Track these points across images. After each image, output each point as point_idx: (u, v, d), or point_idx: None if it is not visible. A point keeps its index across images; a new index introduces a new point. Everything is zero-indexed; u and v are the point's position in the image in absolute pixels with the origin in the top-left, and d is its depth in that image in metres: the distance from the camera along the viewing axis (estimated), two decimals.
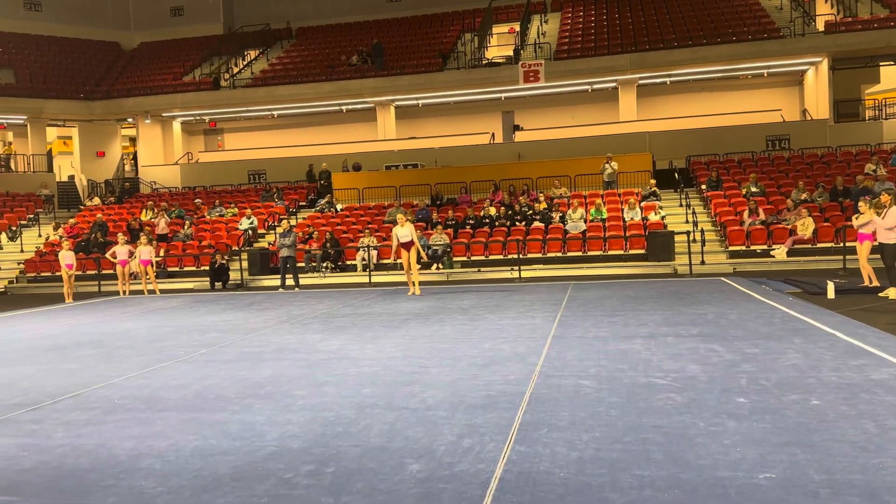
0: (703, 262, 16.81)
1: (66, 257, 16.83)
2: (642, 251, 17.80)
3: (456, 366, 6.65)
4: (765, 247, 17.20)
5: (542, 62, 24.99)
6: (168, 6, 33.22)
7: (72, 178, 28.82)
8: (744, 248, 17.38)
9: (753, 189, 19.49)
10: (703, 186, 20.88)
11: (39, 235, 23.40)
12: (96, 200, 26.41)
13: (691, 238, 17.14)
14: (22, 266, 21.28)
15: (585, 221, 19.12)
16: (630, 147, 23.03)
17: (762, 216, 17.79)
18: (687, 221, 18.96)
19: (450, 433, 4.53)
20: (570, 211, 19.51)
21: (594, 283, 14.44)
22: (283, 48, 31.34)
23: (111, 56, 32.29)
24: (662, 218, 18.97)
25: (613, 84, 25.80)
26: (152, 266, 17.81)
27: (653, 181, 21.01)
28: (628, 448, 4.09)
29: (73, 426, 5.11)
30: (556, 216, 19.58)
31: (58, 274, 18.07)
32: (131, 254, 17.61)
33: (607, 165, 21.47)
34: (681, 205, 20.38)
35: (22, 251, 22.37)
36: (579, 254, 18.12)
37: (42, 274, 20.60)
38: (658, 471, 3.71)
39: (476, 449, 4.19)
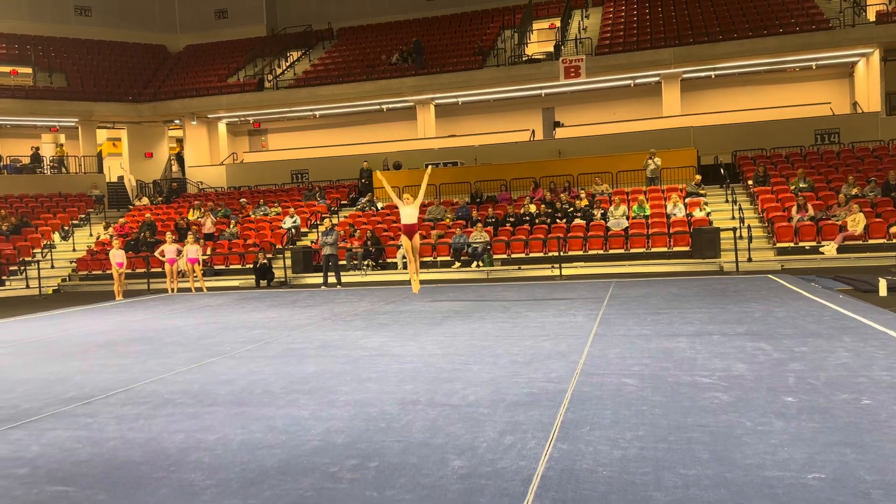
0: (749, 260, 16.47)
1: (117, 256, 17.32)
2: (687, 248, 17.53)
3: (497, 363, 6.65)
4: (814, 243, 16.77)
5: (584, 57, 24.76)
6: (212, 9, 33.86)
7: (121, 178, 29.60)
8: (792, 244, 16.98)
9: (802, 184, 19.02)
10: (750, 182, 20.45)
11: (91, 235, 24.09)
12: (145, 200, 27.09)
13: (738, 235, 16.81)
14: (74, 264, 21.96)
15: (628, 218, 18.90)
16: (674, 142, 22.67)
17: (811, 212, 17.35)
18: (733, 218, 18.60)
19: (491, 430, 4.54)
20: (611, 208, 19.30)
21: (637, 281, 14.27)
22: (325, 48, 31.67)
23: (158, 59, 33.06)
24: (708, 214, 18.64)
25: (656, 78, 25.42)
26: (199, 264, 18.20)
27: (698, 177, 20.66)
28: (673, 447, 4.05)
29: (124, 420, 5.27)
30: (597, 213, 19.40)
31: (108, 272, 18.60)
32: (179, 252, 18.02)
33: (650, 161, 21.18)
34: (727, 201, 20.00)
35: (74, 250, 23.07)
36: (621, 251, 17.92)
37: (93, 272, 21.22)
38: (703, 470, 3.66)
39: (518, 446, 4.20)
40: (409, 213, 11.51)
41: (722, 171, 21.40)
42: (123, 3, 32.97)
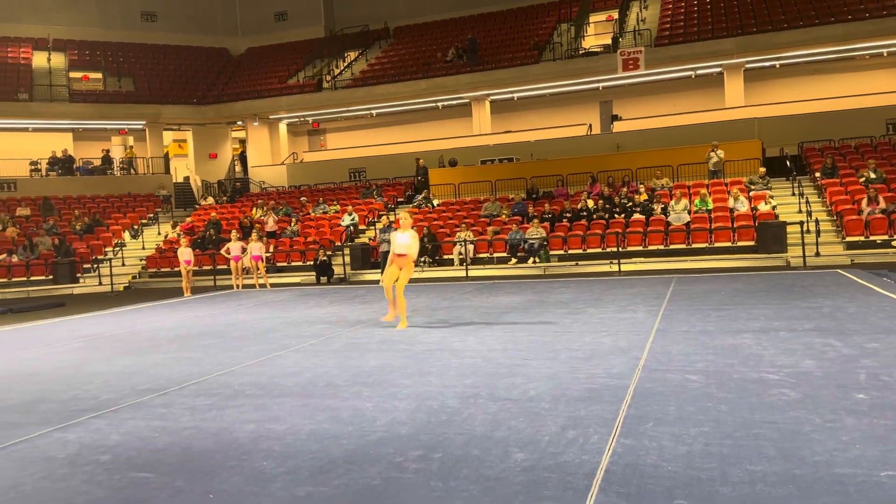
0: (817, 254, 15.97)
1: (184, 254, 17.93)
2: (752, 243, 17.10)
3: (556, 358, 6.65)
4: (885, 237, 16.14)
5: (642, 49, 24.37)
6: (272, 12, 34.62)
7: (187, 178, 30.59)
8: (862, 238, 16.38)
9: (872, 176, 18.30)
10: (818, 174, 19.79)
11: (159, 233, 24.99)
12: (210, 200, 27.93)
13: (805, 228, 16.30)
14: (144, 262, 22.82)
15: (689, 212, 18.54)
16: (737, 134, 22.10)
17: (882, 204, 16.68)
18: (800, 211, 18.05)
19: (553, 424, 4.56)
20: (672, 202, 18.97)
21: (699, 277, 13.99)
22: (382, 48, 32.01)
23: (221, 62, 34.00)
24: (773, 208, 18.14)
25: (718, 69, 24.84)
26: (263, 261, 18.68)
27: (762, 169, 20.09)
28: (739, 443, 4.00)
29: (197, 410, 5.49)
30: (657, 208, 19.09)
31: (177, 269, 19.26)
32: (243, 250, 18.53)
33: (713, 154, 20.71)
34: (793, 194, 19.41)
35: (143, 248, 23.98)
36: (683, 246, 17.61)
37: (162, 269, 22.02)
38: (771, 466, 3.61)
39: (580, 440, 4.21)
40: (402, 240, 9.27)
41: (788, 163, 20.77)
42: (187, 9, 34.03)
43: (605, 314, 9.40)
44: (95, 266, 22.27)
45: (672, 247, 17.72)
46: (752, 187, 19.48)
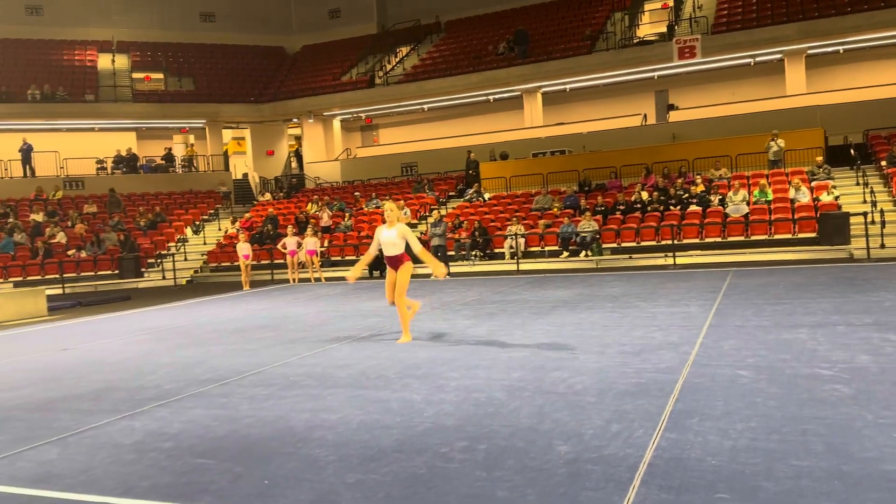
0: (882, 246, 15.41)
1: (243, 249, 18.46)
2: (813, 235, 16.61)
3: (605, 353, 6.67)
4: None
5: (699, 37, 23.85)
6: (326, 9, 35.14)
7: (245, 175, 31.38)
8: None
9: None
10: (884, 163, 19.05)
11: (219, 229, 25.74)
12: (267, 196, 28.62)
13: (869, 219, 15.73)
14: (205, 257, 23.56)
15: (748, 204, 18.11)
16: (798, 122, 21.44)
17: None
18: (864, 201, 17.43)
19: (598, 418, 4.61)
20: (730, 193, 18.55)
21: (757, 270, 13.70)
22: (433, 42, 32.13)
23: (277, 60, 34.70)
24: (836, 198, 17.57)
25: (779, 56, 24.12)
26: (318, 256, 19.08)
27: (819, 158, 19.45)
28: (786, 438, 3.97)
29: (256, 400, 5.72)
30: (714, 199, 18.71)
31: (236, 264, 19.84)
32: (299, 245, 18.96)
33: (773, 143, 20.15)
34: (857, 183, 18.76)
35: (205, 243, 24.74)
36: (741, 238, 17.23)
37: (222, 264, 22.69)
38: (817, 461, 3.59)
39: (624, 434, 4.24)
40: (389, 237, 7.89)
41: (852, 151, 20.05)
42: (244, 8, 34.82)
43: (657, 308, 9.32)
44: (159, 261, 23.10)
45: (730, 239, 17.35)
46: (814, 177, 18.90)
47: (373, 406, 5.28)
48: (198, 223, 26.00)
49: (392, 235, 7.84)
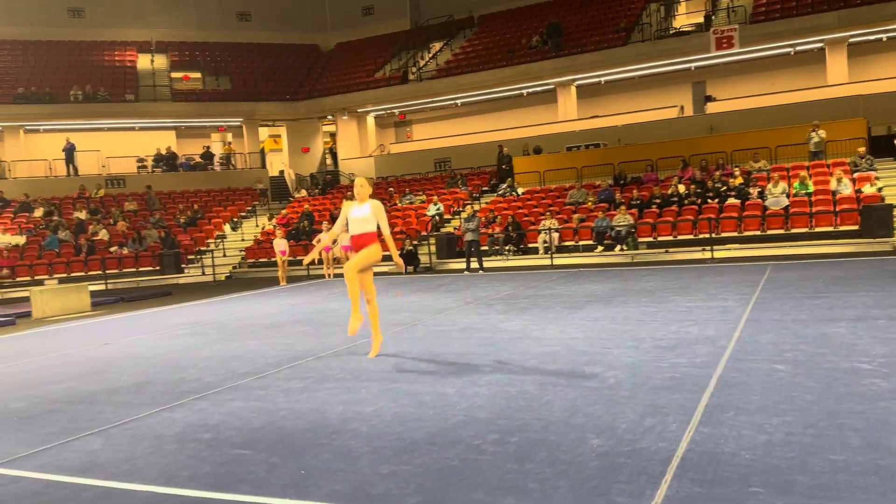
0: None
1: (280, 245, 18.72)
2: (855, 227, 16.22)
3: (639, 347, 6.62)
4: None
5: (737, 27, 23.41)
6: (360, 6, 35.34)
7: (282, 172, 31.76)
8: None
9: None
10: None
11: (256, 225, 26.12)
12: (303, 192, 28.93)
13: None
14: (243, 253, 23.94)
15: (788, 196, 17.75)
16: (840, 113, 20.91)
17: None
18: None
19: (631, 412, 4.59)
20: (770, 185, 18.20)
21: (797, 264, 13.44)
22: (466, 37, 32.10)
23: (311, 58, 35.03)
24: (879, 190, 17.13)
25: (820, 45, 23.55)
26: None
27: (861, 149, 18.95)
28: (823, 433, 3.92)
29: (291, 392, 5.82)
30: (753, 191, 18.37)
31: (273, 260, 20.14)
32: (334, 241, 19.13)
33: (813, 134, 19.71)
34: None
35: (242, 240, 25.13)
36: (781, 231, 16.90)
37: (260, 260, 23.03)
38: (854, 456, 3.54)
39: (658, 428, 4.23)
40: (361, 215, 6.94)
41: (895, 142, 19.52)
42: (279, 7, 35.20)
43: (693, 303, 9.22)
44: (198, 257, 23.53)
45: (769, 232, 17.04)
46: (857, 168, 18.44)
47: (406, 399, 5.34)
48: (235, 220, 26.41)
49: (364, 212, 6.91)
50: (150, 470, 4.16)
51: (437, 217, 22.41)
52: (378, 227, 6.98)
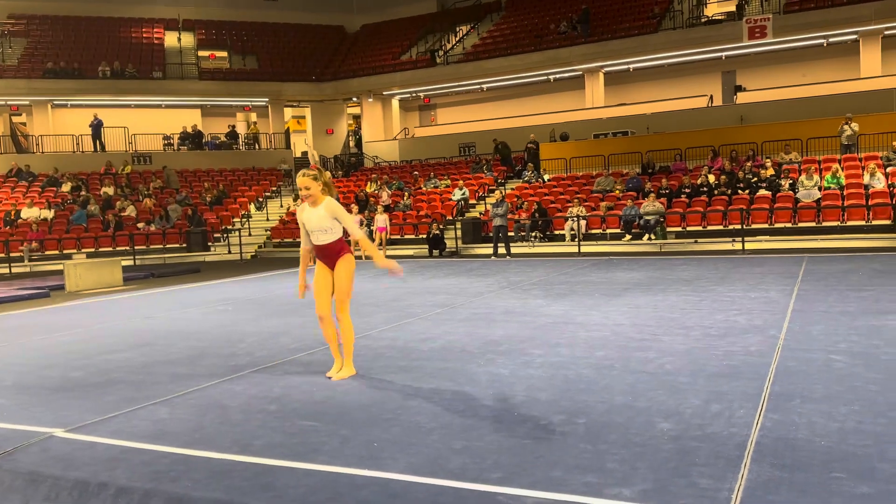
0: None
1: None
2: (888, 222, 16.08)
3: (688, 335, 6.62)
4: None
5: (770, 16, 23.13)
6: None
7: (305, 153, 31.83)
8: None
9: None
10: None
11: (281, 206, 26.24)
12: (327, 175, 28.94)
13: None
14: (268, 233, 24.07)
15: (820, 189, 17.59)
16: (873, 106, 20.65)
17: None
18: None
19: (694, 398, 4.60)
20: (802, 177, 18.04)
21: (832, 257, 13.34)
22: (493, 21, 31.89)
23: (337, 39, 34.96)
24: None
25: (854, 36, 23.23)
26: (387, 233, 19.30)
27: (895, 143, 18.77)
28: (895, 423, 3.92)
29: None
30: (785, 183, 18.22)
31: (299, 240, 20.21)
32: (362, 223, 19.23)
33: (846, 127, 19.49)
34: None
35: (267, 219, 25.26)
36: (812, 224, 16.77)
37: (286, 240, 23.15)
38: None
39: (726, 414, 4.24)
40: (315, 223, 5.54)
41: None
42: None
43: (735, 293, 9.19)
44: (225, 235, 23.69)
45: (800, 225, 16.91)
46: (890, 163, 18.23)
47: (462, 378, 5.38)
48: (261, 199, 26.54)
49: (319, 216, 5.45)
50: (223, 439, 4.23)
51: (462, 202, 22.41)
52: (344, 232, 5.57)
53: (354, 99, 31.97)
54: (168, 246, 22.82)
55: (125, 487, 3.57)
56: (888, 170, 17.89)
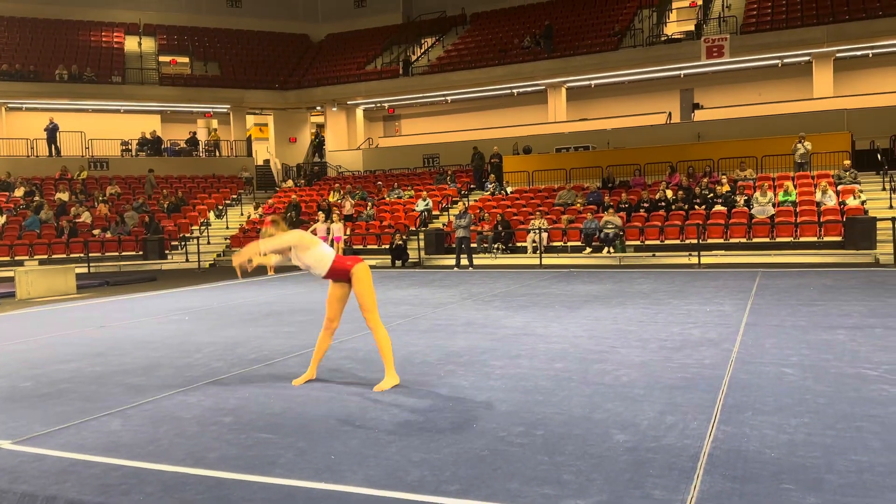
0: None
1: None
2: (839, 238, 16.57)
3: (645, 347, 6.73)
4: None
5: (727, 36, 23.76)
6: None
7: (267, 162, 31.52)
8: None
9: None
10: None
11: (241, 214, 25.92)
12: (289, 183, 28.75)
13: None
14: (228, 241, 23.73)
15: (774, 205, 18.06)
16: (825, 126, 21.33)
17: None
18: (891, 206, 17.38)
19: (650, 409, 4.68)
20: (757, 194, 18.50)
21: (785, 272, 13.69)
22: (458, 34, 32.13)
23: (301, 47, 34.80)
24: (863, 202, 17.50)
25: (807, 58, 23.99)
26: (342, 242, 19.19)
27: (847, 162, 19.36)
28: (842, 435, 4.03)
29: None
30: (740, 200, 18.66)
31: None
32: (328, 231, 19.10)
33: (799, 145, 20.08)
34: (884, 188, 18.69)
35: (227, 228, 24.92)
36: (766, 240, 17.20)
37: None
38: (876, 457, 3.65)
39: (680, 426, 4.31)
40: (300, 258, 5.66)
41: (879, 156, 19.94)
42: None
43: (691, 306, 9.37)
44: (182, 244, 23.29)
45: (755, 240, 17.33)
46: (841, 181, 18.82)
47: (421, 390, 5.37)
48: (220, 207, 26.18)
49: (296, 258, 5.62)
50: (176, 451, 4.15)
51: (425, 213, 22.43)
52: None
53: (318, 108, 31.83)
54: (124, 253, 22.34)
55: (74, 501, 3.48)
56: (839, 188, 18.45)
